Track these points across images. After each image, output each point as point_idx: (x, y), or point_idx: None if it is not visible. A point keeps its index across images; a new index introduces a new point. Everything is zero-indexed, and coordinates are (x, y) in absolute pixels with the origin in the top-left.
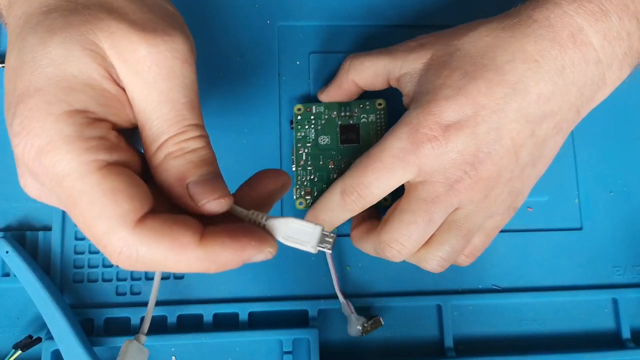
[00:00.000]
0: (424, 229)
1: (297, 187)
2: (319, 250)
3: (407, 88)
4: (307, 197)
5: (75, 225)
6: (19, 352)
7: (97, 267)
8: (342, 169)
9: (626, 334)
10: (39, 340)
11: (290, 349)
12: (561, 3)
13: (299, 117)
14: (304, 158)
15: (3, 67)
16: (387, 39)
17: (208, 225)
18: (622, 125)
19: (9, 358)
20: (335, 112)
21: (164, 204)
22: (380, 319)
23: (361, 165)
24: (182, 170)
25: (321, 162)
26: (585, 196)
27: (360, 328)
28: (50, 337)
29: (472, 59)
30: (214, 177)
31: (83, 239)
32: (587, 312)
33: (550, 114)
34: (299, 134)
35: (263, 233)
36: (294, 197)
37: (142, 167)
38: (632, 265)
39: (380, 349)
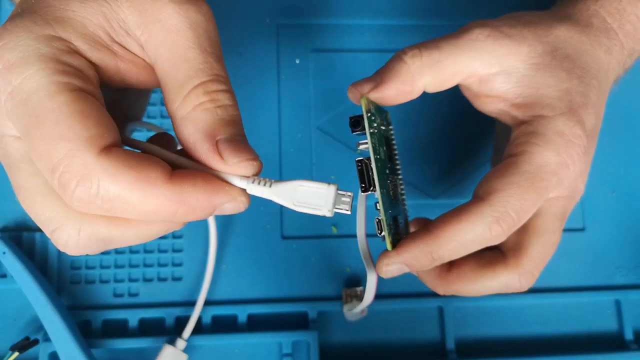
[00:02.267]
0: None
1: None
2: (336, 213)
3: (502, 88)
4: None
5: None
6: (16, 353)
7: (94, 268)
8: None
9: (629, 335)
10: (36, 342)
11: (290, 351)
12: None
13: (370, 115)
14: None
15: None
16: (389, 37)
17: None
18: (624, 125)
19: None
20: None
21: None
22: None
23: (515, 185)
24: (214, 126)
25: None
26: (588, 197)
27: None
28: (47, 339)
29: (574, 62)
30: (243, 139)
31: None
32: (590, 314)
33: None
34: (373, 140)
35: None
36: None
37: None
38: (635, 267)
39: (381, 351)
